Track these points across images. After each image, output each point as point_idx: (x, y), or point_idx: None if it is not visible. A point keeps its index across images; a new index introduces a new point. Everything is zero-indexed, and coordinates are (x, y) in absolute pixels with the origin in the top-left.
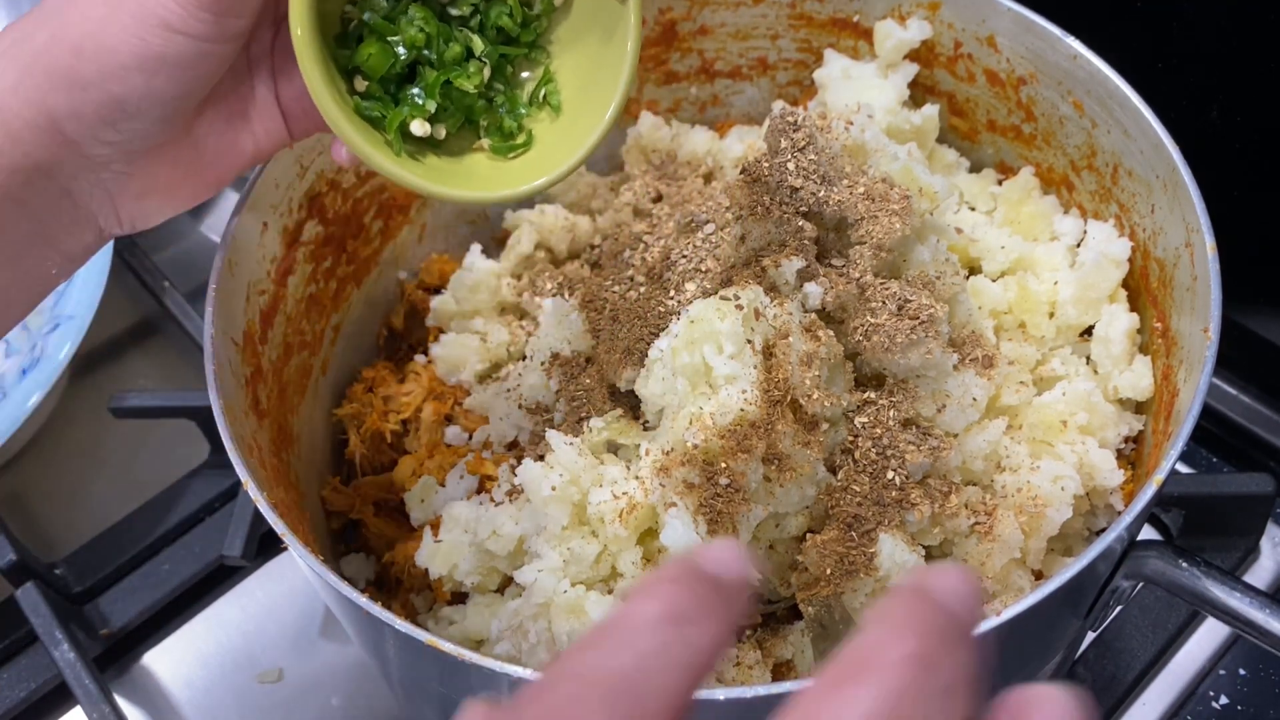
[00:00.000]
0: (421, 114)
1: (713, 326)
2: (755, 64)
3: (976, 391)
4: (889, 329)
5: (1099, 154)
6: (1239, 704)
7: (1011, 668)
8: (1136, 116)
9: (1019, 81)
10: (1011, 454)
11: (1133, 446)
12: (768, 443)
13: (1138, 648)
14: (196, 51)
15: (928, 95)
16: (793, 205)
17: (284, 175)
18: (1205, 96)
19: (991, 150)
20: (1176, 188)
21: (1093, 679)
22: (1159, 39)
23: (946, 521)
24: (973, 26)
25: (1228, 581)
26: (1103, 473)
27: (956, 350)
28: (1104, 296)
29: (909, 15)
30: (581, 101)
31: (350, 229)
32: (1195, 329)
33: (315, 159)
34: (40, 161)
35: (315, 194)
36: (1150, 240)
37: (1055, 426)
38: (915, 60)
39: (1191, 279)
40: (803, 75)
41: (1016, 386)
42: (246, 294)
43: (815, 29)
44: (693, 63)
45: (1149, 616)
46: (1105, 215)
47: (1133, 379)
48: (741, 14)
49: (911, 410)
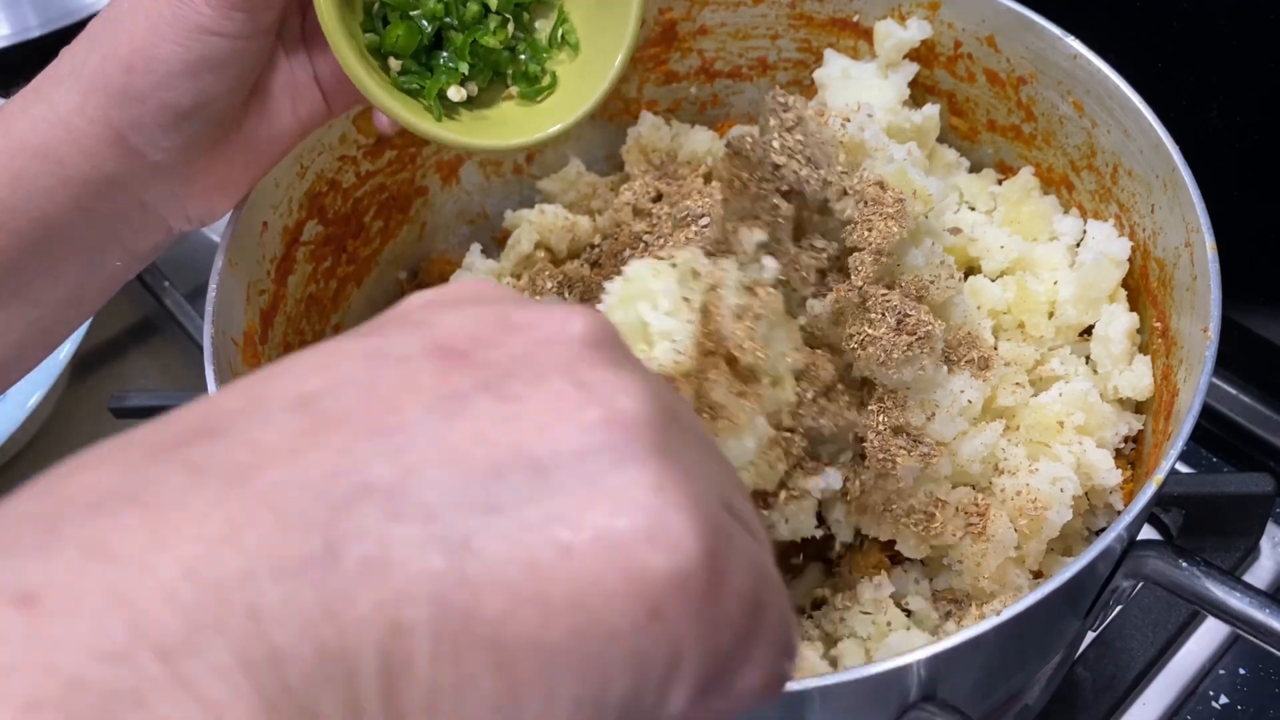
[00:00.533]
0: (455, 78)
1: (647, 285)
2: (755, 64)
3: (971, 394)
4: (885, 343)
5: (1099, 154)
6: (1239, 703)
7: (1012, 667)
8: (1136, 116)
9: (1019, 81)
10: (1009, 456)
11: (1132, 446)
12: (699, 391)
13: (1138, 647)
14: (235, 49)
15: (928, 95)
16: (773, 183)
17: (284, 175)
18: (1205, 96)
19: (991, 150)
20: (1176, 188)
21: (1093, 679)
22: (1159, 38)
23: (933, 540)
24: (973, 26)
25: (1227, 581)
26: (1100, 472)
27: (952, 351)
28: (1104, 296)
29: (909, 15)
30: (597, 35)
31: (350, 229)
32: (1195, 328)
33: (315, 159)
34: (111, 173)
35: (315, 194)
36: (1150, 240)
37: (1052, 427)
38: (915, 60)
39: (1191, 279)
40: (803, 75)
41: (1013, 388)
42: (247, 294)
43: (815, 29)
44: (693, 63)
45: (1149, 616)
46: (1105, 215)
47: (1132, 379)
48: (741, 14)
49: (901, 419)
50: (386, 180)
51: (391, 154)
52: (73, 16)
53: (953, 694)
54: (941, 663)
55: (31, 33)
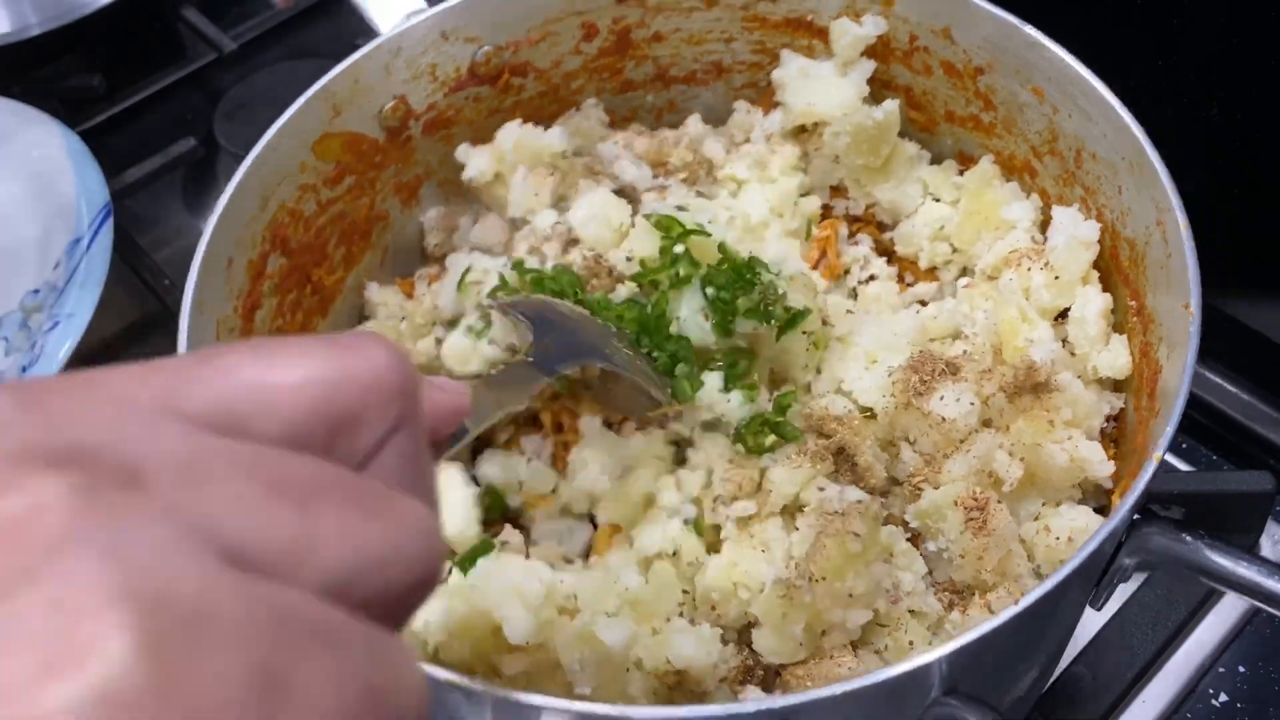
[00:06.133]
0: None
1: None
2: (710, 68)
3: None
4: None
5: (1061, 138)
6: (1239, 701)
7: (1024, 653)
8: (1098, 101)
9: (976, 71)
10: (1005, 468)
11: (1114, 425)
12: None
13: (1138, 645)
14: None
15: (885, 90)
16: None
17: (247, 208)
18: (1205, 95)
19: (950, 141)
20: (1143, 168)
21: (1094, 676)
22: (1125, 25)
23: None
24: (928, 19)
25: (1231, 552)
26: (1093, 465)
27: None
28: (1077, 279)
29: (864, 12)
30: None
31: (314, 257)
32: (1174, 305)
33: (276, 189)
34: None
35: (278, 225)
36: (1119, 221)
37: (1043, 427)
38: (871, 56)
39: (1166, 256)
40: (758, 77)
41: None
42: (216, 332)
43: (769, 30)
44: (647, 70)
45: (1149, 614)
46: (1070, 199)
47: (1110, 358)
48: (695, 19)
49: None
50: (347, 207)
51: (351, 180)
52: (72, 15)
53: (971, 685)
54: (964, 657)
55: (31, 30)
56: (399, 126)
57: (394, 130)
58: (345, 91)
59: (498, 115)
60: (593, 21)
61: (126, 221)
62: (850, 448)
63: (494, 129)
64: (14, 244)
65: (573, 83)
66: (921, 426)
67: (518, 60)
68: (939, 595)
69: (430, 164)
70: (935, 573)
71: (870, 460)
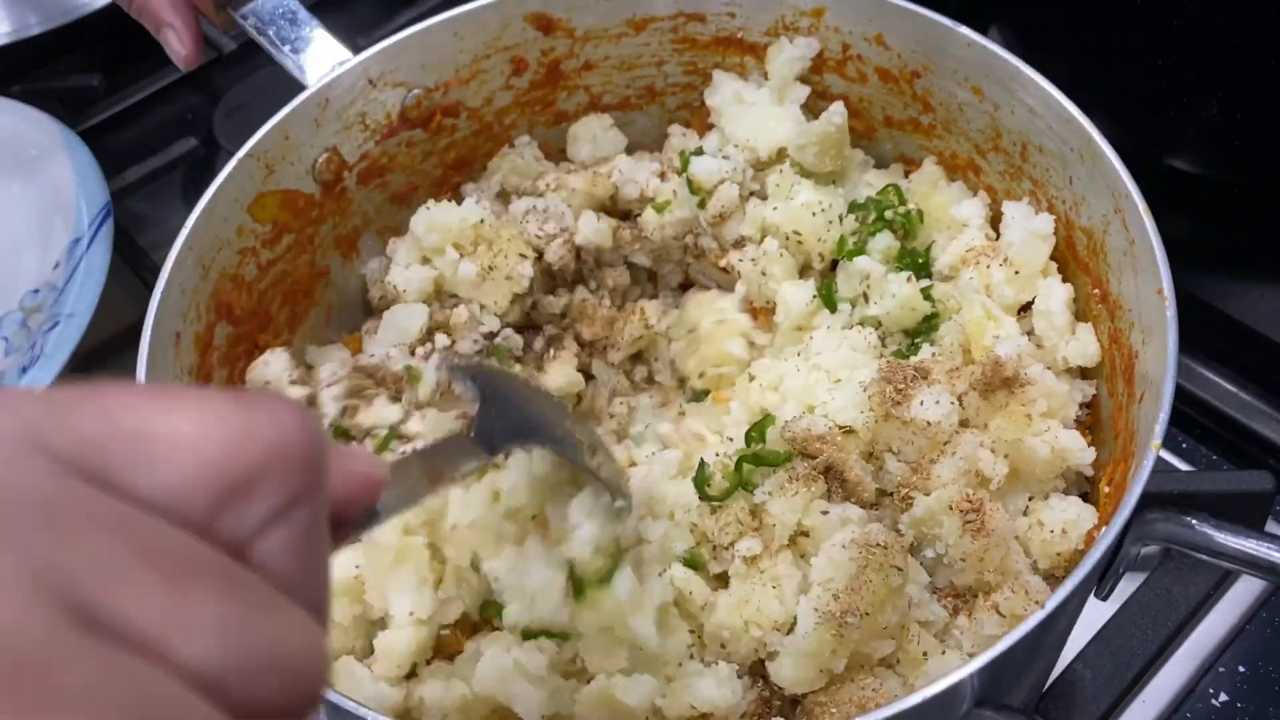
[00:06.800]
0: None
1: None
2: (643, 92)
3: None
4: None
5: (1004, 135)
6: (1238, 700)
7: (1043, 651)
8: (1041, 94)
9: (913, 75)
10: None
11: (1087, 412)
12: None
13: (1138, 645)
14: None
15: (819, 100)
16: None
17: (188, 279)
18: (1205, 95)
19: (890, 145)
20: (1095, 158)
21: (1093, 676)
22: (1159, 38)
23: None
24: (860, 27)
25: (1238, 530)
26: (1075, 453)
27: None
28: (1036, 272)
29: (793, 25)
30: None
31: (259, 323)
32: (1145, 290)
33: (216, 256)
34: None
35: (220, 293)
36: (1072, 211)
37: (1021, 421)
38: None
39: (1128, 243)
40: (691, 98)
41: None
42: None
43: (700, 50)
44: (580, 100)
45: (1149, 614)
46: (1018, 193)
47: (1080, 347)
48: (624, 45)
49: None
50: (288, 266)
51: (290, 238)
52: (72, 14)
53: (992, 692)
54: (992, 668)
55: (31, 30)
56: (334, 179)
57: (329, 184)
58: (276, 149)
59: (431, 158)
60: (521, 56)
61: (126, 221)
62: (838, 464)
63: (429, 173)
64: (14, 244)
65: (505, 119)
66: (904, 435)
67: (448, 101)
68: (943, 602)
69: (368, 213)
70: (935, 579)
71: (859, 474)
